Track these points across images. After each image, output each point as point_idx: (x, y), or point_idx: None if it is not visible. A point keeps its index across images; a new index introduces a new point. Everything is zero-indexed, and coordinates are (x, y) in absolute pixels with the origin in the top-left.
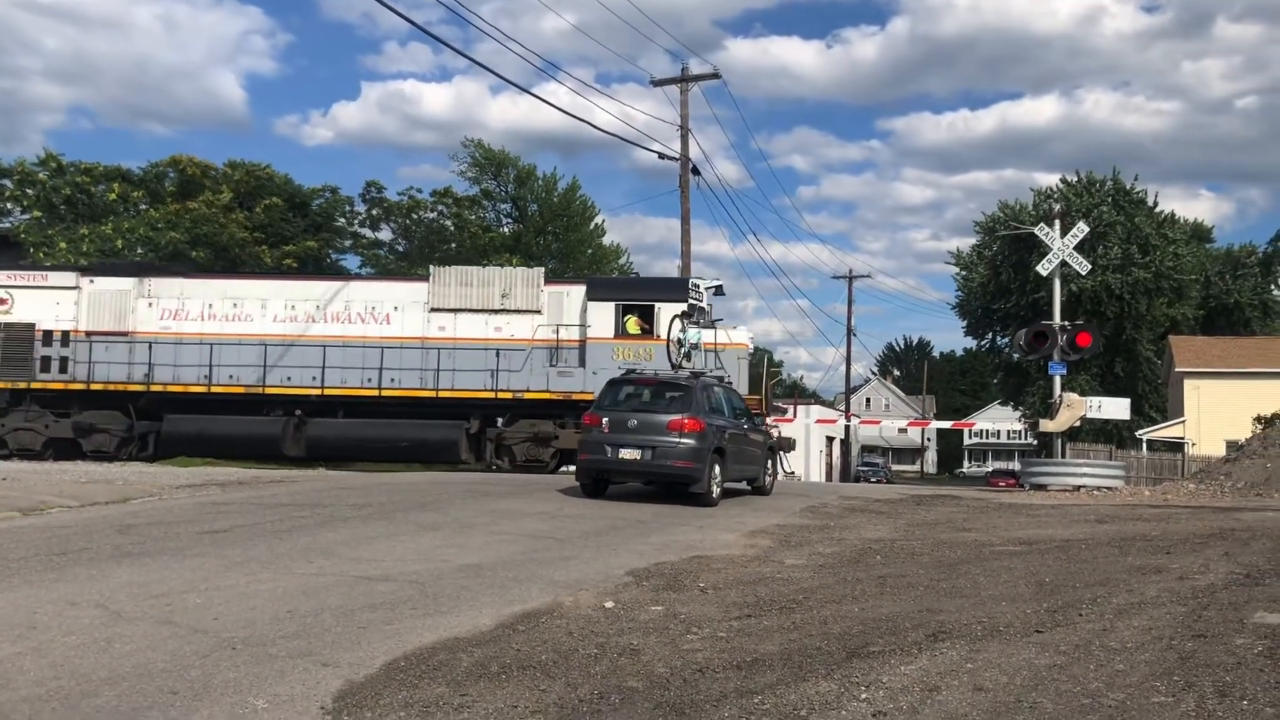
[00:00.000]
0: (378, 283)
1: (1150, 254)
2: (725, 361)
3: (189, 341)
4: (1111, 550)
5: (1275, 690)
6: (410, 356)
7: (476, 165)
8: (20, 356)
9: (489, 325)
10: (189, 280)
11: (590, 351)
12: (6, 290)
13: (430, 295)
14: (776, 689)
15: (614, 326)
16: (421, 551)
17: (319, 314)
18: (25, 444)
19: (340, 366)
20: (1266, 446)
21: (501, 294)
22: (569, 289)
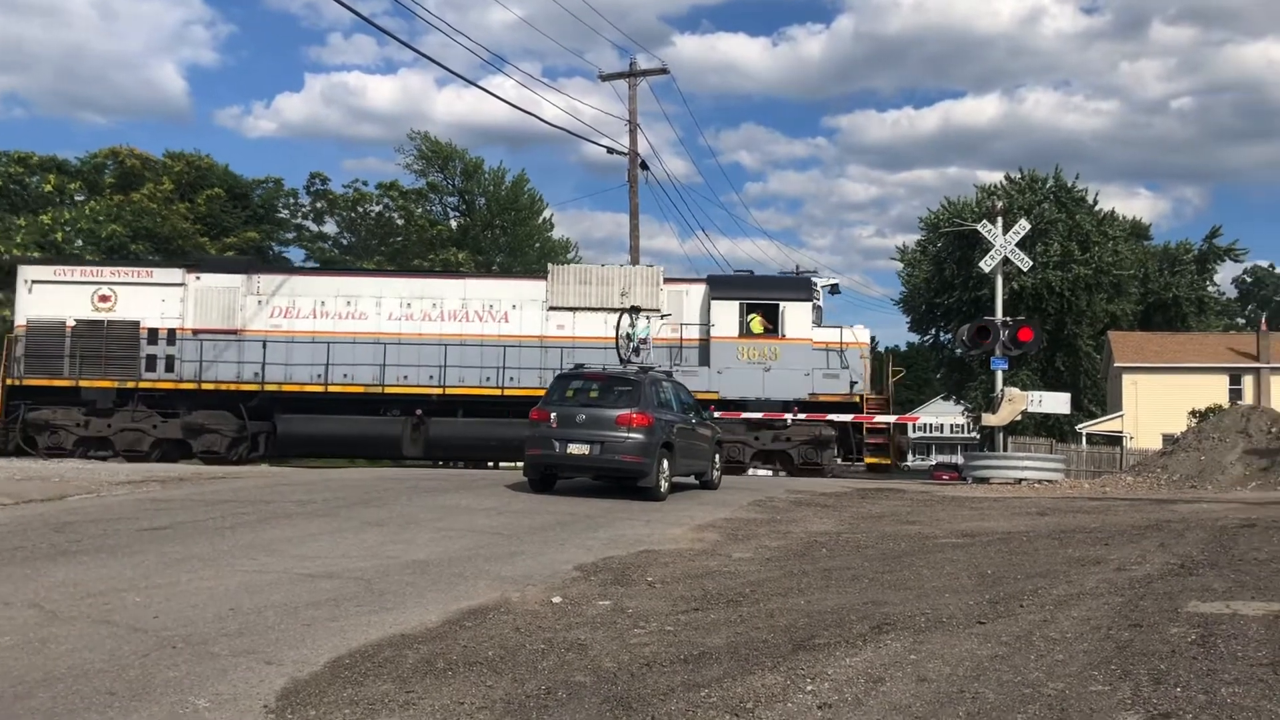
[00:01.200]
0: (495, 281)
1: (1090, 251)
2: (849, 360)
3: (301, 340)
4: (1052, 542)
5: (1207, 678)
6: (529, 355)
7: (423, 158)
8: (125, 355)
9: (608, 324)
10: (300, 277)
11: (715, 350)
12: (110, 287)
13: (548, 294)
14: (723, 682)
15: (738, 325)
16: (367, 548)
17: (435, 312)
18: (131, 444)
19: (458, 365)
20: (1200, 440)
21: (621, 292)
22: (688, 287)
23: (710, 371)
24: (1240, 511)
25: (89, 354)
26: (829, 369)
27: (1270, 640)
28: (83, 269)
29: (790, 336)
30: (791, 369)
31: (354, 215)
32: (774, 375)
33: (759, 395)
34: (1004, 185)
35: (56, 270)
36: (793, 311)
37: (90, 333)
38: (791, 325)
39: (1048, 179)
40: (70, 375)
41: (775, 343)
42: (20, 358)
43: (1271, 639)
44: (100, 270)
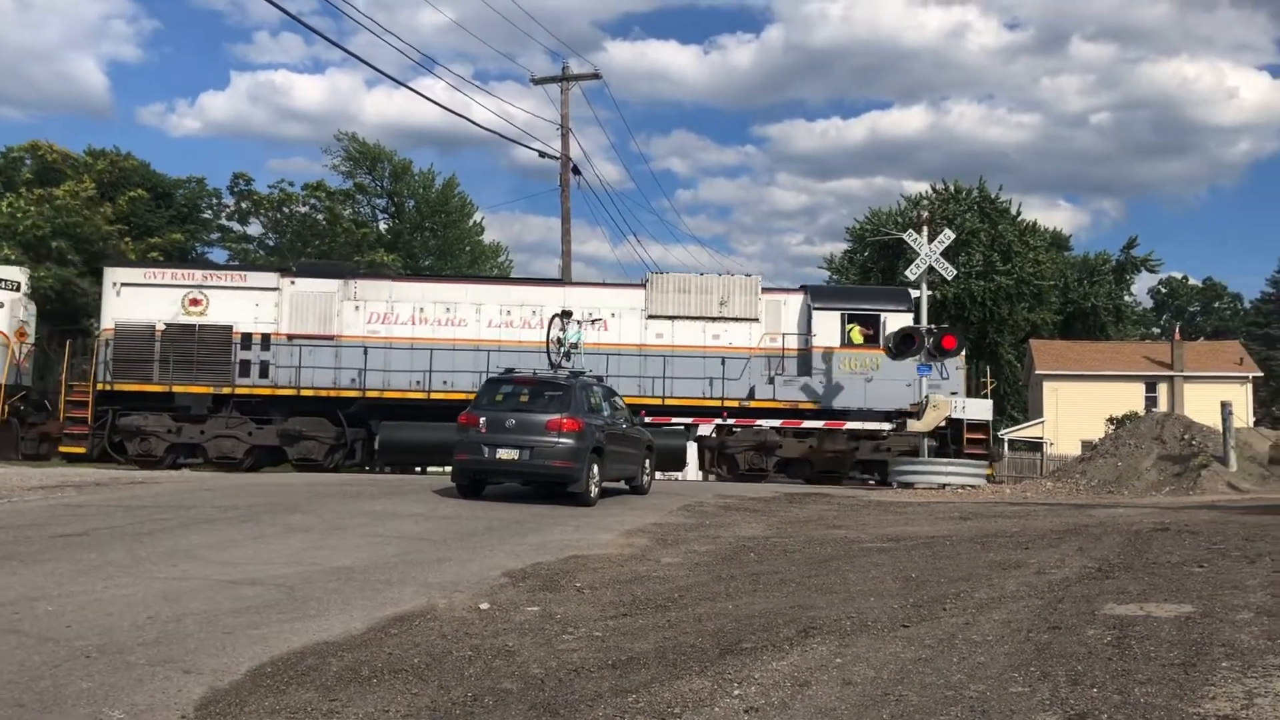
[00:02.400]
0: (595, 289)
1: (1012, 261)
2: (948, 369)
3: (399, 346)
4: (974, 546)
5: (1122, 678)
6: (628, 363)
7: (351, 159)
8: (217, 360)
9: (707, 333)
10: (397, 283)
11: (817, 360)
12: (202, 291)
13: (648, 302)
14: (651, 687)
15: (840, 335)
16: (290, 554)
17: (534, 319)
18: (226, 451)
19: None
20: (1118, 446)
21: (720, 302)
22: (785, 297)
23: (812, 381)
24: (1155, 516)
25: (180, 359)
26: (931, 380)
27: (1182, 641)
28: (173, 272)
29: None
30: (893, 379)
31: (279, 216)
32: (876, 385)
33: (861, 405)
34: (929, 196)
35: (146, 273)
36: (894, 322)
37: (181, 337)
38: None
39: (971, 190)
40: (161, 380)
41: (877, 353)
42: (108, 361)
43: (1183, 639)
44: (192, 273)
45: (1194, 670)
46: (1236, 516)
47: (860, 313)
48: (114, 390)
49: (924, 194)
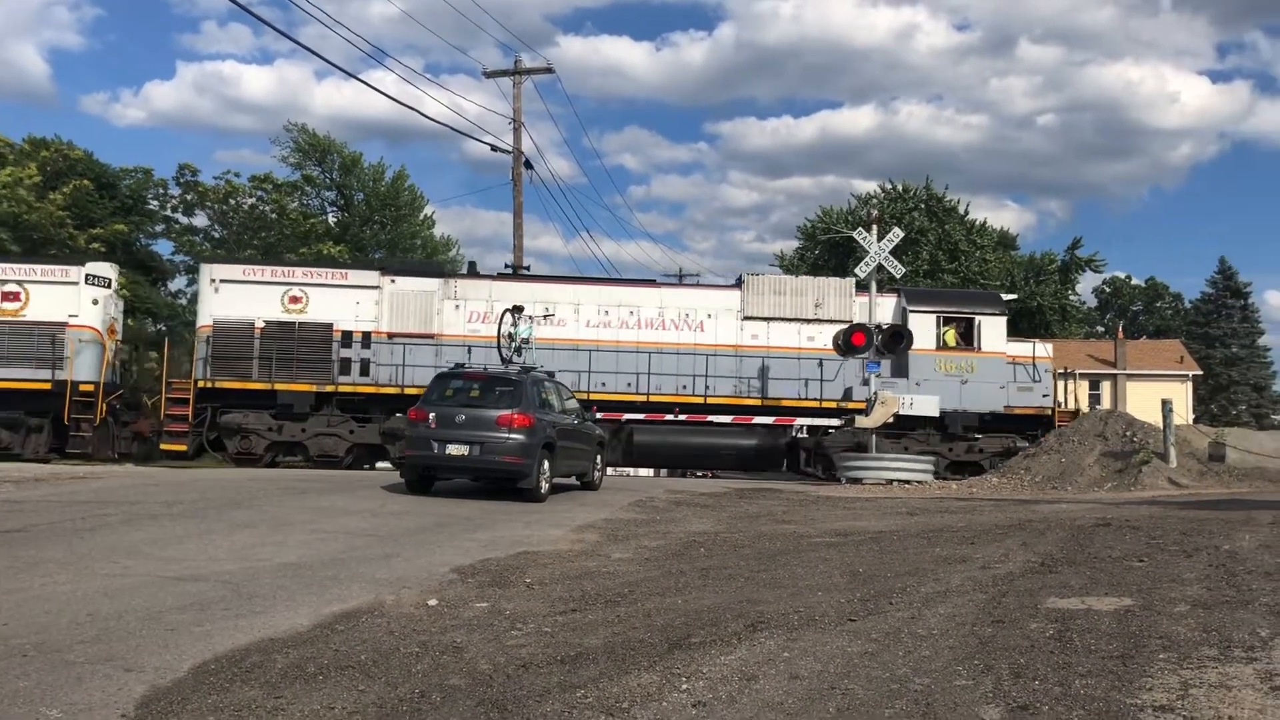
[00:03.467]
0: (691, 290)
1: (959, 260)
2: (1040, 373)
3: None
4: (921, 541)
5: (1063, 670)
6: (724, 364)
7: (300, 151)
8: (318, 358)
9: (801, 334)
10: (497, 282)
11: (914, 362)
12: (302, 288)
13: (743, 303)
14: (600, 682)
15: (935, 338)
16: (235, 550)
17: (632, 319)
18: (327, 450)
19: (655, 373)
20: (1061, 443)
21: (815, 303)
22: (879, 300)
23: (909, 383)
24: (1097, 511)
25: (279, 356)
26: (1022, 382)
27: (1121, 634)
28: (273, 269)
29: (986, 350)
30: (987, 381)
31: (225, 208)
32: (970, 387)
33: (956, 407)
34: (878, 195)
35: (245, 270)
36: (988, 325)
37: (281, 334)
38: (987, 339)
39: (919, 189)
40: (260, 377)
41: (971, 355)
42: (207, 359)
43: (1122, 632)
44: (292, 271)
45: (1132, 662)
46: (1175, 512)
47: (955, 315)
48: (215, 388)
49: (872, 193)
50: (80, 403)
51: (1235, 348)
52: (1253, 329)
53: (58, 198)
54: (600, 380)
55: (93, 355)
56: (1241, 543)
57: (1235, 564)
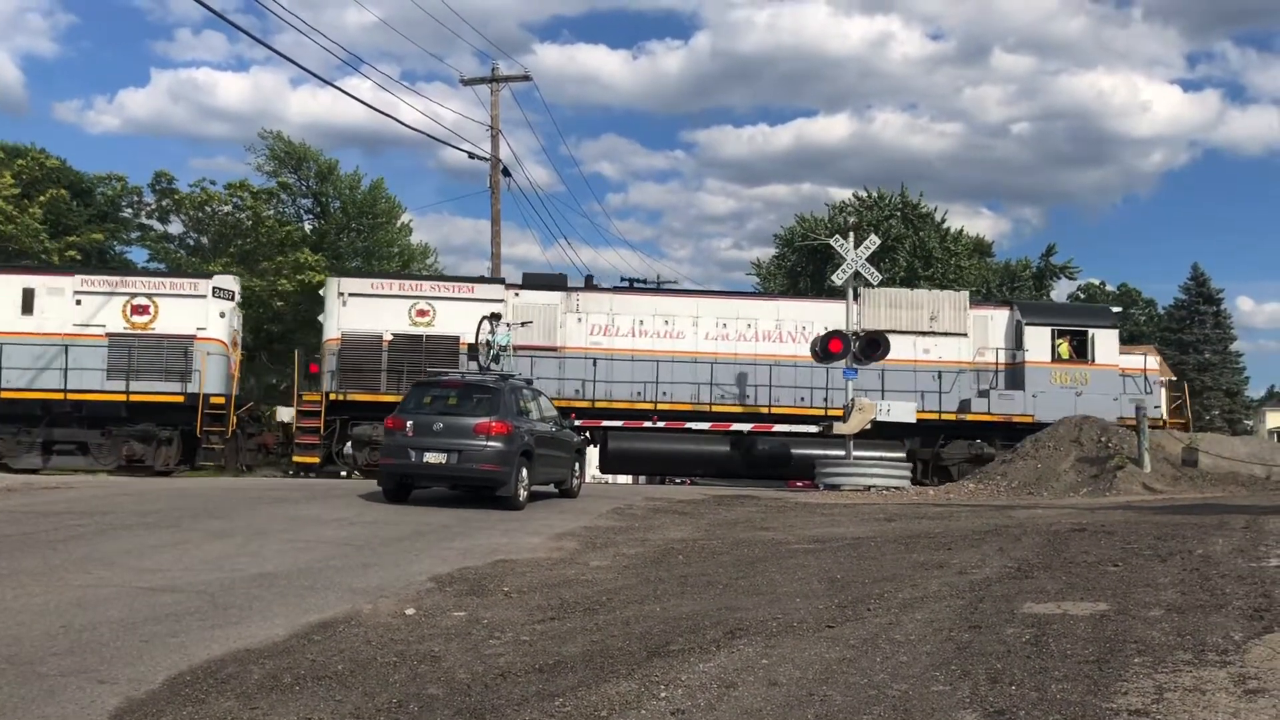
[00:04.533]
0: (807, 302)
1: (934, 266)
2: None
3: (620, 358)
4: (898, 547)
5: (1039, 675)
6: (838, 376)
7: (275, 158)
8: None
9: (917, 347)
10: (617, 296)
11: (1030, 375)
12: (429, 301)
13: (859, 316)
14: (578, 690)
15: (1050, 351)
16: (211, 560)
17: (749, 332)
18: None
19: (773, 385)
20: (1038, 448)
21: (930, 316)
22: (992, 312)
23: (1025, 395)
24: (1072, 517)
25: (408, 368)
26: (1133, 393)
27: (1096, 638)
28: (400, 283)
29: (1099, 362)
30: (1101, 393)
31: (201, 215)
32: (1085, 400)
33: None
34: (854, 202)
35: (373, 284)
36: (1101, 338)
37: (408, 347)
38: (1100, 351)
39: (894, 196)
40: (388, 390)
41: (1085, 368)
42: (335, 371)
43: (1097, 637)
44: (419, 285)
45: (1108, 667)
46: (1150, 516)
47: (1069, 328)
48: (346, 400)
49: (847, 201)
50: (210, 415)
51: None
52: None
53: (36, 210)
54: (719, 393)
55: (220, 367)
56: (1215, 547)
57: (1209, 568)
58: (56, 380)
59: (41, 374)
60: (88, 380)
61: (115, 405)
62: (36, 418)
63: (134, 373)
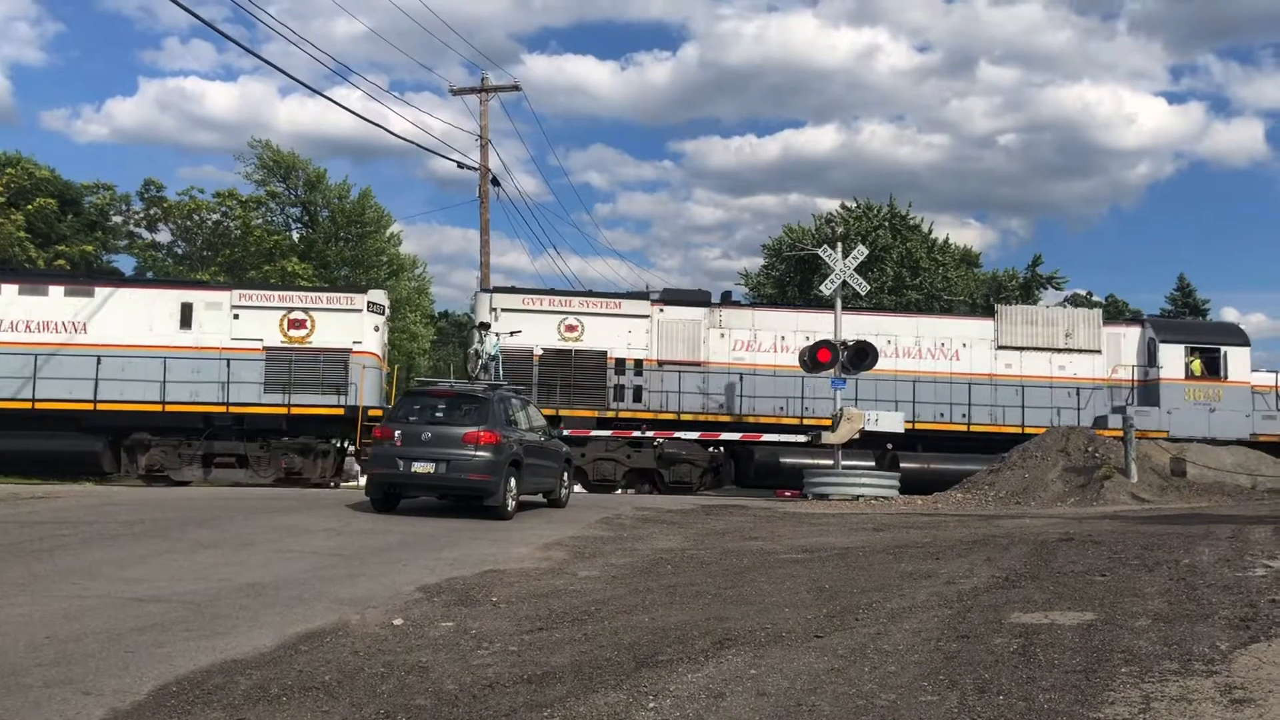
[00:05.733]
0: (946, 319)
1: (921, 276)
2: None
3: (763, 373)
4: (887, 557)
5: (1027, 685)
6: (980, 392)
7: (264, 167)
8: (594, 385)
9: (1052, 364)
10: (758, 311)
11: (1164, 391)
12: (577, 317)
13: (997, 333)
14: (566, 701)
15: (1183, 368)
16: (198, 570)
17: (890, 348)
18: (605, 475)
19: (911, 400)
20: (1025, 458)
21: (1065, 333)
22: (1124, 329)
23: (1160, 411)
24: (1060, 526)
25: (559, 383)
26: (1268, 410)
27: (1084, 648)
28: (550, 298)
29: (1232, 380)
30: (1234, 410)
31: (190, 224)
32: (1217, 416)
33: (1205, 435)
34: (841, 212)
35: (524, 299)
36: (1234, 356)
37: (558, 362)
38: (1233, 369)
39: (882, 207)
40: (541, 403)
41: (1218, 385)
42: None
43: (1085, 647)
44: (569, 300)
45: (1095, 676)
46: (1137, 526)
47: (1203, 346)
48: None
49: (835, 211)
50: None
51: None
52: None
53: (19, 217)
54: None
55: (374, 381)
56: (1201, 557)
57: (1195, 578)
58: (216, 393)
59: (201, 387)
60: (245, 393)
61: (276, 418)
62: (198, 430)
63: (291, 386)
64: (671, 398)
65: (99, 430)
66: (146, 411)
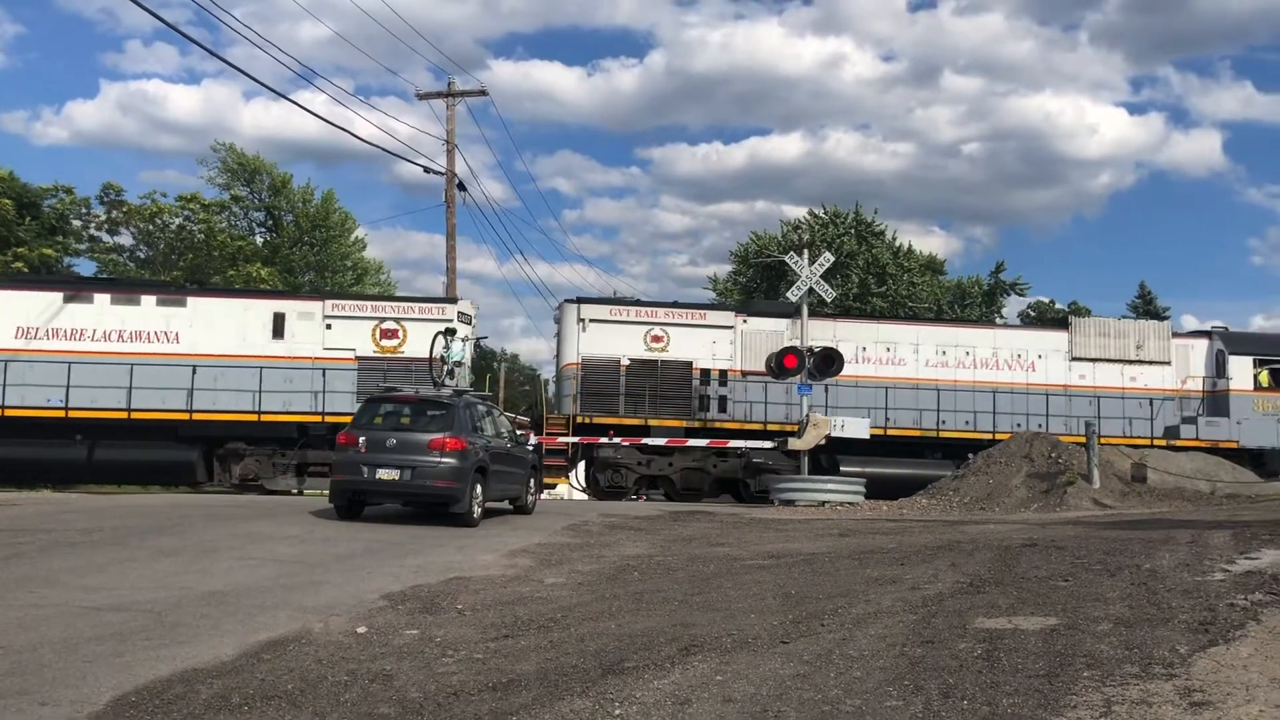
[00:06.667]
0: (1021, 331)
1: (887, 283)
2: None
3: (844, 384)
4: (852, 563)
5: (991, 690)
6: (1055, 403)
7: (228, 171)
8: (679, 395)
9: (1124, 375)
10: (839, 323)
11: (1234, 403)
12: (663, 328)
13: (1070, 345)
14: (531, 709)
15: (1251, 379)
16: (158, 578)
17: (968, 360)
18: (693, 484)
19: (989, 411)
20: (989, 464)
21: (1136, 345)
22: (1192, 342)
23: (1230, 422)
24: (1023, 532)
25: (648, 393)
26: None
27: (1047, 653)
28: (636, 309)
29: None
30: None
31: (152, 228)
32: None
33: (1273, 445)
34: (808, 220)
35: (611, 310)
36: None
37: (644, 372)
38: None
39: (848, 214)
40: (625, 413)
41: None
42: (575, 395)
43: (1048, 651)
44: (654, 311)
45: (1057, 681)
46: (1099, 532)
47: (1271, 359)
48: (590, 423)
49: (802, 219)
50: None
51: None
52: None
53: None
54: (941, 419)
55: None
56: (1162, 561)
57: (1156, 582)
58: (308, 403)
59: (293, 397)
60: (339, 403)
61: None
62: (292, 440)
63: None
64: (756, 408)
65: (194, 440)
66: (242, 421)
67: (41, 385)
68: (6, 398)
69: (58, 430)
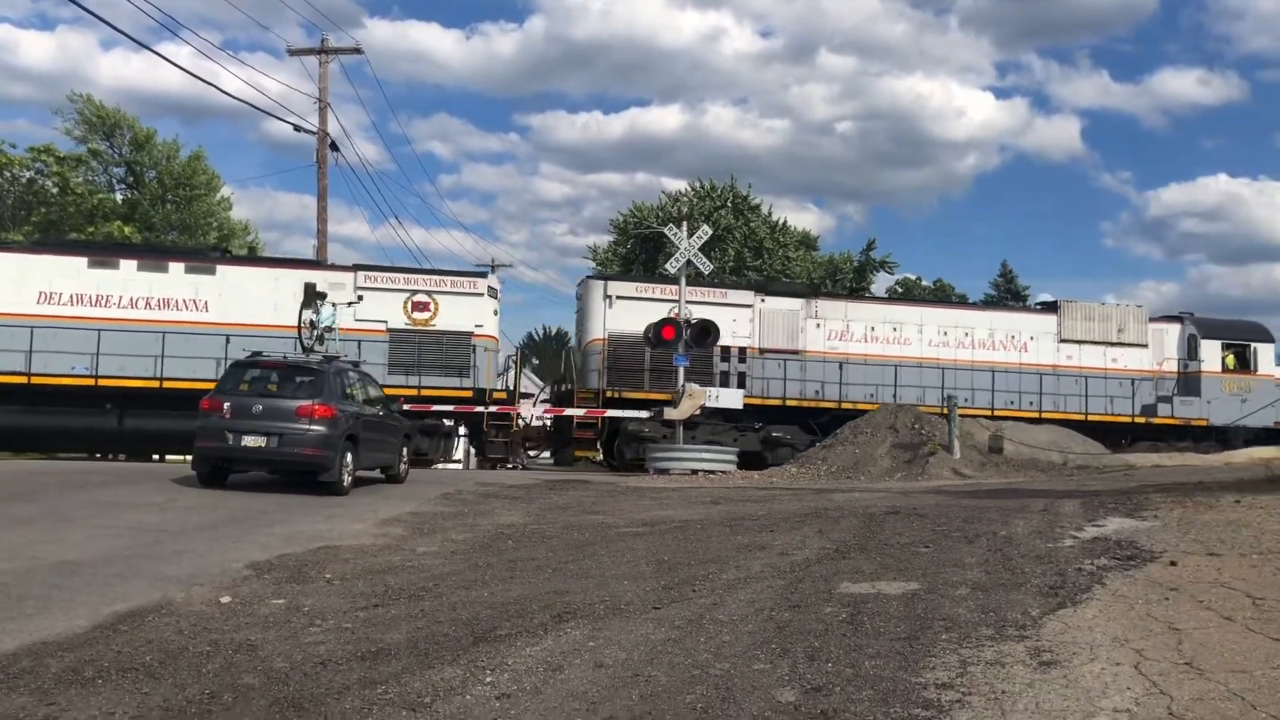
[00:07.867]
0: (1016, 314)
1: (763, 257)
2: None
3: (855, 361)
4: (724, 530)
5: (854, 653)
6: (1046, 382)
7: (86, 123)
8: (702, 371)
9: (1106, 356)
10: (851, 303)
11: (1205, 384)
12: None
13: (1059, 327)
14: (401, 677)
15: (1220, 362)
16: (10, 548)
17: (967, 340)
18: None
19: (987, 389)
20: (856, 434)
21: (1118, 329)
22: (1166, 326)
23: (1201, 401)
24: (887, 500)
25: (668, 369)
26: None
27: (908, 616)
28: (660, 287)
29: (1260, 373)
30: (1262, 401)
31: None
32: (1248, 405)
33: (1238, 421)
34: (687, 192)
35: (637, 287)
36: (1262, 352)
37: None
38: (1261, 363)
39: (725, 188)
40: (650, 388)
41: (1249, 378)
42: (601, 370)
43: (909, 615)
44: (676, 289)
45: (917, 643)
46: (959, 500)
47: (1235, 343)
48: (618, 397)
49: (682, 191)
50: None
51: None
52: None
53: None
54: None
55: (495, 364)
56: (1017, 529)
57: (1011, 549)
58: None
59: None
60: None
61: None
62: None
63: (416, 368)
64: (773, 384)
65: None
66: None
67: (65, 352)
68: (32, 365)
69: (87, 399)
